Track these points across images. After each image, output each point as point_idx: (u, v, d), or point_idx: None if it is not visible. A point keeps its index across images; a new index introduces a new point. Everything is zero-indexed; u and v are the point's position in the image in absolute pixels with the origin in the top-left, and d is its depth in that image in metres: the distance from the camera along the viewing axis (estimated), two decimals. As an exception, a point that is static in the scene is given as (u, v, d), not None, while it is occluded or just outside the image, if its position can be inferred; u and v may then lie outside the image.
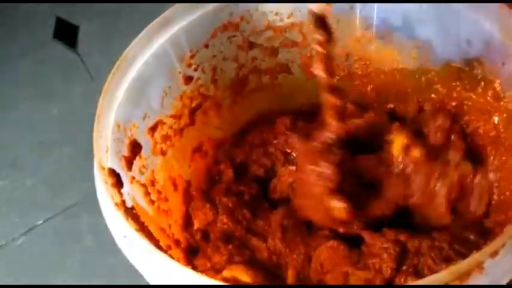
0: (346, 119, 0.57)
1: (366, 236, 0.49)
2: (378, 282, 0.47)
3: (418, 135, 0.54)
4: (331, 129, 0.46)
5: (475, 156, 0.54)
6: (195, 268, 0.50)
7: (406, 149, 0.51)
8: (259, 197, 0.56)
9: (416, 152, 0.51)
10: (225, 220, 0.53)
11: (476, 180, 0.51)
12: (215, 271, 0.49)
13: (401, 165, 0.52)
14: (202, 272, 0.48)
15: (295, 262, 0.50)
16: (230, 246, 0.50)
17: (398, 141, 0.52)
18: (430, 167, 0.51)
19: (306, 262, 0.50)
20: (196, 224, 0.54)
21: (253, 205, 0.54)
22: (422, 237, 0.50)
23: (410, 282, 0.45)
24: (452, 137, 0.53)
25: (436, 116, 0.54)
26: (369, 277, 0.47)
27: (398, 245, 0.48)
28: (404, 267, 0.47)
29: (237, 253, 0.50)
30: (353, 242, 0.50)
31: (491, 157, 0.51)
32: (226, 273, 0.47)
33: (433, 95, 0.56)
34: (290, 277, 0.49)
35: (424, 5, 0.51)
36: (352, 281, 0.47)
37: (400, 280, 0.46)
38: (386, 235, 0.49)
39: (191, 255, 0.52)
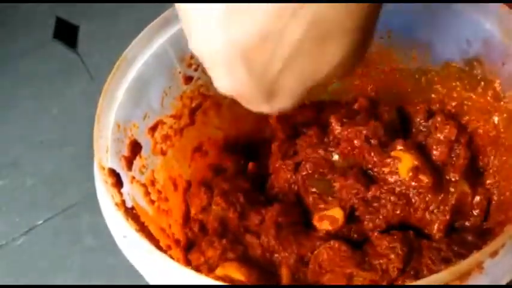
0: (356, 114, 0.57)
1: (372, 235, 0.49)
2: (384, 283, 0.46)
3: (421, 149, 0.53)
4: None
5: (477, 164, 0.53)
6: (189, 262, 0.50)
7: (414, 172, 0.50)
8: (256, 190, 0.56)
9: (424, 179, 0.50)
10: (219, 201, 0.52)
11: (475, 200, 0.51)
12: (209, 266, 0.49)
13: (404, 187, 0.51)
14: (196, 266, 0.49)
15: (288, 262, 0.49)
16: (224, 241, 0.50)
17: (406, 162, 0.51)
18: (433, 194, 0.50)
19: (298, 263, 0.49)
20: (193, 211, 0.54)
21: (249, 193, 0.55)
22: (421, 237, 0.50)
23: (408, 283, 0.45)
24: (457, 149, 0.52)
25: (443, 128, 0.53)
26: (375, 278, 0.47)
27: (406, 244, 0.48)
28: (407, 268, 0.47)
29: (230, 248, 0.50)
30: (353, 243, 0.50)
31: (491, 157, 0.51)
32: (219, 271, 0.47)
33: (433, 95, 0.56)
34: (285, 277, 0.49)
35: (424, 5, 0.51)
36: (357, 283, 0.47)
37: (398, 282, 0.46)
38: (394, 235, 0.48)
39: (188, 252, 0.52)
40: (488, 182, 0.52)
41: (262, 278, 0.47)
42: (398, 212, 0.50)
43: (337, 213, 0.51)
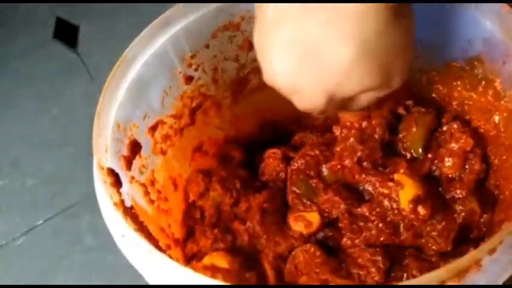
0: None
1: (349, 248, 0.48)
2: None
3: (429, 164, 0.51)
4: None
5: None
6: (185, 253, 0.51)
7: (415, 204, 0.47)
8: (252, 176, 0.57)
9: (422, 211, 0.46)
10: (216, 186, 0.53)
11: (483, 219, 0.49)
12: (201, 255, 0.50)
13: (400, 218, 0.48)
14: (191, 255, 0.51)
15: (268, 258, 0.49)
16: (216, 231, 0.51)
17: (409, 191, 0.47)
18: (431, 225, 0.47)
19: (278, 260, 0.49)
20: (191, 197, 0.55)
21: (246, 180, 0.55)
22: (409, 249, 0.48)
23: None
24: (472, 161, 0.50)
25: (459, 136, 0.50)
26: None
27: (389, 258, 0.46)
28: (388, 279, 0.46)
29: (221, 238, 0.51)
30: (328, 247, 0.49)
31: (492, 156, 0.51)
32: (206, 260, 0.48)
33: (434, 95, 0.56)
34: (270, 276, 0.49)
35: (425, 5, 0.51)
36: None
37: None
38: (377, 246, 0.47)
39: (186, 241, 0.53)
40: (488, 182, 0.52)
41: (246, 265, 0.48)
42: (382, 239, 0.48)
43: (314, 217, 0.50)
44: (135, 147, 0.48)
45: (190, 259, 0.51)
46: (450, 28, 0.51)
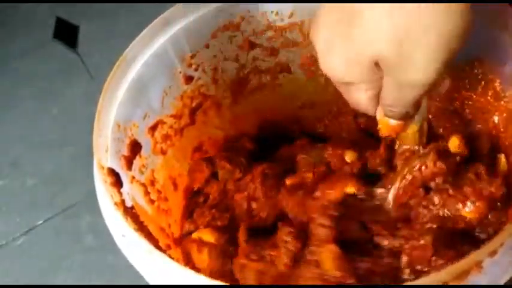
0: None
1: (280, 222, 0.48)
2: (269, 274, 0.44)
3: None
4: None
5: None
6: (182, 232, 0.53)
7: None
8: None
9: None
10: (223, 164, 0.54)
11: (435, 261, 0.42)
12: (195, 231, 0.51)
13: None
14: (186, 232, 0.51)
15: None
16: (213, 210, 0.52)
17: (338, 190, 0.47)
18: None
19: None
20: (196, 186, 0.55)
21: (249, 158, 0.56)
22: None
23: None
24: (501, 211, 0.44)
25: (491, 180, 0.44)
26: (260, 268, 0.45)
27: (301, 242, 0.44)
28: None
29: (218, 216, 0.51)
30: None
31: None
32: (195, 234, 0.49)
33: (433, 95, 0.56)
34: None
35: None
36: (247, 274, 0.45)
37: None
38: (295, 226, 0.45)
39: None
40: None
41: (229, 241, 0.49)
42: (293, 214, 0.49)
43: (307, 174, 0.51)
44: (135, 147, 0.48)
45: (184, 236, 0.52)
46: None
